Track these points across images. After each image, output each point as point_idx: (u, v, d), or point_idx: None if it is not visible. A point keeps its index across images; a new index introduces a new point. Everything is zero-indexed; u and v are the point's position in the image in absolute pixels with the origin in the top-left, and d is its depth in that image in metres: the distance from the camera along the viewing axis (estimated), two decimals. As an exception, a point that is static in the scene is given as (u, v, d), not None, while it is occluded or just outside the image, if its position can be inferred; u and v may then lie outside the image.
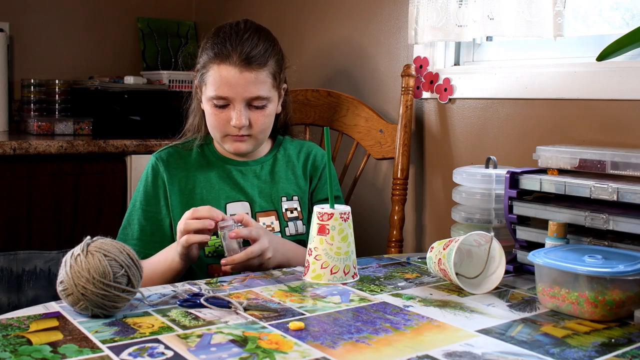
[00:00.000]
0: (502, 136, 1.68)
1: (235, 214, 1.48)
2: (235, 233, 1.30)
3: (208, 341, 0.92)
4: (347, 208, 1.26)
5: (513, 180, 1.33)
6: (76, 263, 1.00)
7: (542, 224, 1.27)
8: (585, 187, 1.22)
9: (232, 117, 1.44)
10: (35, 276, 2.09)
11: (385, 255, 1.52)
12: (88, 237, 1.04)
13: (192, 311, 1.05)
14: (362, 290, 1.19)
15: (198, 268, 1.44)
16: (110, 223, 2.16)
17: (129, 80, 2.50)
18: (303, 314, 1.05)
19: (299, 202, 1.55)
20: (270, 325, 0.99)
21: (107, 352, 0.87)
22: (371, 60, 2.05)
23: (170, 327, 0.97)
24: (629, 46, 1.15)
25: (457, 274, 1.19)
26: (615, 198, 1.18)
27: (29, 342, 0.90)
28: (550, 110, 1.58)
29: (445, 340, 0.95)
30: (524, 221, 1.34)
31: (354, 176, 1.92)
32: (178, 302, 1.08)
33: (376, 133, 1.87)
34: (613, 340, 0.97)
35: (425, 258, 1.36)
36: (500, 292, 1.20)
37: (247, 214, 1.47)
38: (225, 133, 1.47)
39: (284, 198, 1.54)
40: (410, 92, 1.82)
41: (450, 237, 1.28)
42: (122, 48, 2.87)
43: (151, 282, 1.30)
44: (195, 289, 1.17)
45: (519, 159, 1.59)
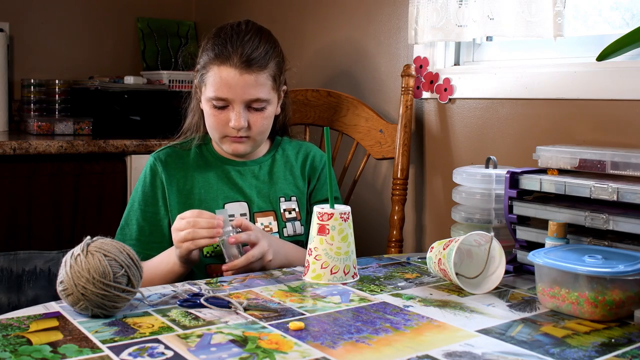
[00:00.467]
0: (502, 136, 1.68)
1: (233, 215, 1.48)
2: (234, 239, 1.30)
3: (208, 341, 0.92)
4: (347, 208, 1.26)
5: (513, 180, 1.33)
6: (76, 263, 1.00)
7: (542, 224, 1.27)
8: (585, 187, 1.22)
9: (231, 119, 1.44)
10: (35, 276, 2.09)
11: (385, 255, 1.52)
12: (88, 237, 1.04)
13: (192, 311, 1.05)
14: (362, 290, 1.19)
15: (197, 268, 1.44)
16: (110, 223, 2.16)
17: (129, 80, 2.50)
18: (303, 314, 1.05)
19: (297, 203, 1.55)
20: (270, 325, 0.99)
21: (107, 352, 0.87)
22: (371, 60, 2.05)
23: (170, 327, 0.97)
24: (629, 46, 1.15)
25: (457, 274, 1.19)
26: (615, 198, 1.18)
27: (29, 342, 0.90)
28: (550, 110, 1.58)
29: (445, 340, 0.95)
30: (524, 221, 1.34)
31: (354, 176, 1.92)
32: (178, 302, 1.08)
33: (376, 133, 1.87)
34: (613, 340, 0.97)
35: (425, 258, 1.36)
36: (500, 292, 1.20)
37: (245, 218, 1.47)
38: (223, 134, 1.47)
39: (282, 198, 1.54)
40: (410, 92, 1.82)
41: (450, 237, 1.28)
42: (122, 48, 2.87)
43: (152, 285, 1.30)
44: (195, 289, 1.17)
45: (519, 159, 1.59)
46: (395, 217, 1.81)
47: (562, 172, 1.33)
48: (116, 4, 2.84)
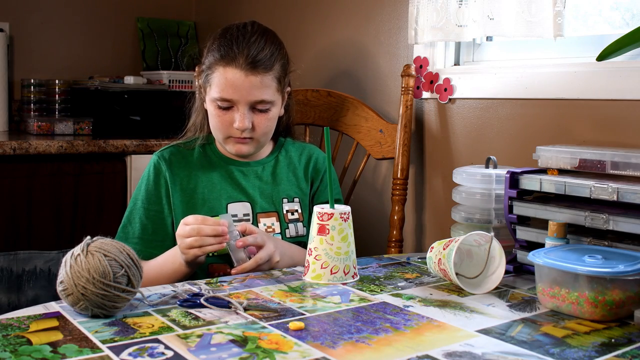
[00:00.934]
0: (502, 136, 1.68)
1: (236, 215, 1.48)
2: (242, 242, 1.31)
3: (208, 341, 0.92)
4: (347, 208, 1.26)
5: (513, 180, 1.33)
6: (76, 263, 1.00)
7: (542, 224, 1.27)
8: (585, 187, 1.22)
9: (236, 120, 1.44)
10: (35, 276, 2.09)
11: (385, 255, 1.52)
12: (88, 237, 1.04)
13: (192, 311, 1.05)
14: (362, 290, 1.19)
15: (199, 267, 1.44)
16: (110, 223, 2.16)
17: (129, 80, 2.50)
18: (303, 314, 1.05)
19: (300, 204, 1.55)
20: (270, 325, 0.99)
21: (107, 352, 0.87)
22: (371, 60, 2.05)
23: (170, 327, 0.97)
24: (629, 46, 1.15)
25: (457, 274, 1.19)
26: (615, 198, 1.18)
27: (29, 342, 0.90)
28: (550, 110, 1.58)
29: (445, 340, 0.95)
30: (524, 221, 1.33)
31: (354, 176, 1.92)
32: (178, 302, 1.08)
33: (376, 133, 1.87)
34: (613, 340, 0.97)
35: (425, 258, 1.36)
36: (500, 292, 1.20)
37: (248, 218, 1.47)
38: (227, 135, 1.47)
39: (285, 199, 1.54)
40: (410, 92, 1.82)
41: (450, 237, 1.28)
42: (122, 48, 2.87)
43: (157, 285, 1.30)
44: (195, 289, 1.17)
45: (519, 159, 1.59)
46: (395, 217, 1.81)
47: (562, 172, 1.33)
48: (116, 4, 2.84)
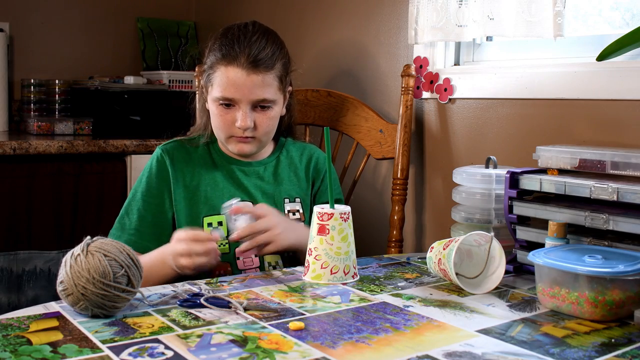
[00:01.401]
0: (502, 136, 1.68)
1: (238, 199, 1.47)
2: (235, 209, 1.31)
3: (208, 341, 0.92)
4: (347, 208, 1.26)
5: (513, 180, 1.33)
6: (76, 263, 1.00)
7: (542, 224, 1.27)
8: (585, 187, 1.22)
9: (237, 119, 1.44)
10: (35, 276, 2.09)
11: (385, 255, 1.52)
12: (88, 237, 1.04)
13: (192, 311, 1.05)
14: (362, 290, 1.19)
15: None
16: (110, 223, 2.15)
17: (129, 80, 2.50)
18: (303, 314, 1.05)
19: (301, 204, 1.55)
20: (270, 325, 0.99)
21: (107, 352, 0.87)
22: (371, 60, 2.05)
23: (170, 327, 0.97)
24: (629, 46, 1.15)
25: (457, 274, 1.19)
26: (615, 198, 1.18)
27: (29, 342, 0.90)
28: (550, 110, 1.58)
29: (445, 340, 0.95)
30: (524, 221, 1.33)
31: (354, 176, 1.92)
32: (178, 302, 1.08)
33: (376, 133, 1.87)
34: (613, 340, 0.97)
35: (425, 258, 1.36)
36: (500, 292, 1.20)
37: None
38: (229, 134, 1.47)
39: (287, 199, 1.54)
40: (410, 92, 1.82)
41: (450, 237, 1.28)
42: (122, 48, 2.87)
43: (146, 284, 1.29)
44: (195, 289, 1.17)
45: (519, 159, 1.59)
46: (395, 217, 1.81)
47: (562, 172, 1.33)
48: (116, 4, 2.84)
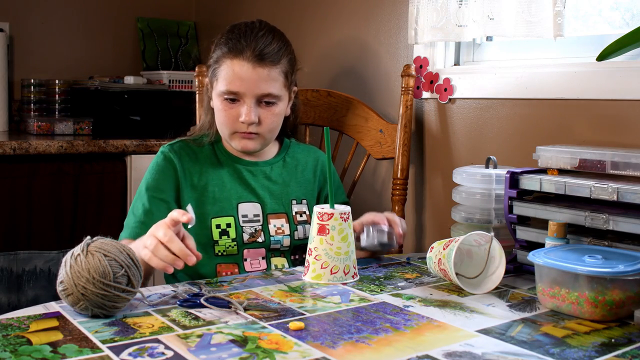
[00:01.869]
0: (502, 136, 1.68)
1: (246, 216, 1.46)
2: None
3: (208, 341, 0.92)
4: (347, 208, 1.26)
5: (513, 180, 1.33)
6: (76, 263, 1.00)
7: (542, 224, 1.27)
8: (585, 187, 1.22)
9: (242, 113, 1.43)
10: (35, 276, 2.09)
11: (385, 255, 1.52)
12: (88, 237, 1.04)
13: (192, 311, 1.05)
14: (362, 290, 1.19)
15: (206, 268, 1.42)
16: (110, 223, 2.17)
17: (129, 80, 2.50)
18: (303, 314, 1.05)
19: (308, 206, 1.54)
20: (270, 325, 0.99)
21: (107, 352, 0.87)
22: (371, 60, 2.05)
23: (170, 327, 0.97)
24: (629, 46, 1.15)
25: (457, 274, 1.19)
26: (615, 198, 1.18)
27: (29, 342, 0.90)
28: (550, 110, 1.58)
29: (445, 340, 0.95)
30: (524, 221, 1.33)
31: (354, 176, 1.92)
32: (178, 302, 1.08)
33: (376, 133, 1.87)
34: (613, 340, 0.97)
35: (425, 258, 1.36)
36: (500, 292, 1.20)
37: (259, 222, 1.47)
38: (233, 130, 1.46)
39: (294, 201, 1.53)
40: (410, 92, 1.82)
41: (450, 237, 1.28)
42: (122, 48, 2.87)
43: None
44: (195, 289, 1.17)
45: (519, 159, 1.59)
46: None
47: (562, 172, 1.33)
48: (116, 4, 2.84)
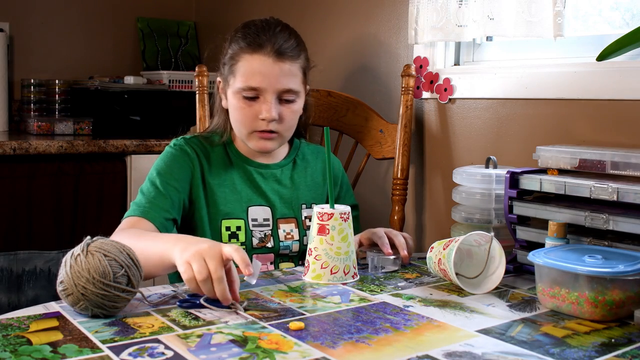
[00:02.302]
0: (502, 136, 1.68)
1: (256, 220, 1.45)
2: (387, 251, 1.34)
3: (208, 341, 0.92)
4: (347, 208, 1.26)
5: (513, 180, 1.33)
6: (76, 263, 1.00)
7: (542, 224, 1.27)
8: (585, 187, 1.22)
9: (263, 110, 1.39)
10: (35, 276, 2.09)
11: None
12: (88, 237, 1.04)
13: (192, 311, 1.05)
14: (362, 290, 1.19)
15: None
16: (110, 223, 2.15)
17: (129, 80, 2.50)
18: (303, 314, 1.05)
19: None
20: (270, 325, 0.99)
21: (107, 352, 0.87)
22: (371, 60, 2.05)
23: (170, 327, 0.97)
24: (629, 46, 1.15)
25: (457, 274, 1.19)
26: (615, 198, 1.18)
27: (29, 342, 0.90)
28: (550, 110, 1.58)
29: (445, 340, 0.95)
30: (524, 221, 1.33)
31: (354, 176, 1.92)
32: (177, 303, 1.08)
33: (376, 133, 1.87)
34: (613, 340, 0.97)
35: (425, 258, 1.36)
36: (500, 292, 1.20)
37: (268, 224, 1.46)
38: (252, 129, 1.42)
39: (304, 205, 1.51)
40: (410, 92, 1.82)
41: (450, 237, 1.28)
42: (122, 48, 2.87)
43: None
44: (195, 289, 1.16)
45: (519, 159, 1.59)
46: (395, 217, 1.81)
47: (562, 172, 1.33)
48: (116, 4, 2.84)
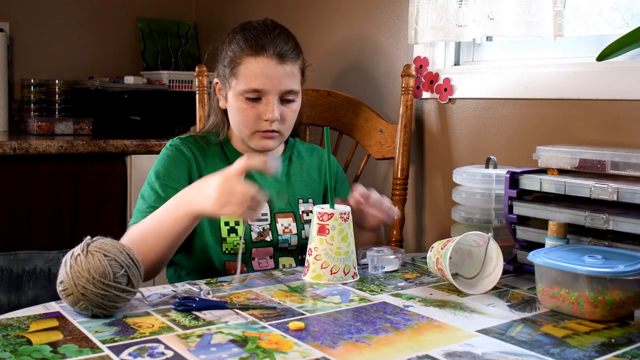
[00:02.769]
0: (502, 136, 1.68)
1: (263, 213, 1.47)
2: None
3: (208, 341, 0.92)
4: (347, 208, 1.26)
5: (513, 180, 1.33)
6: (76, 263, 1.00)
7: (542, 224, 1.27)
8: (585, 187, 1.22)
9: (266, 112, 1.41)
10: (35, 276, 2.09)
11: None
12: (88, 237, 1.04)
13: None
14: (362, 290, 1.19)
15: (214, 266, 1.42)
16: (110, 223, 2.17)
17: (129, 80, 2.50)
18: (303, 314, 1.05)
19: (314, 205, 1.53)
20: (270, 325, 0.99)
21: (107, 352, 0.87)
22: (371, 60, 2.05)
23: (170, 327, 0.97)
24: (629, 46, 1.15)
25: (457, 274, 1.19)
26: (615, 198, 1.18)
27: (29, 342, 0.90)
28: (550, 110, 1.58)
29: (445, 340, 0.95)
30: (524, 221, 1.34)
31: (354, 176, 1.92)
32: (173, 307, 1.06)
33: (376, 133, 1.87)
34: (613, 340, 0.97)
35: (425, 258, 1.36)
36: (500, 292, 1.20)
37: (266, 219, 1.46)
38: (254, 129, 1.44)
39: (301, 200, 1.53)
40: (410, 92, 1.82)
41: (450, 237, 1.28)
42: (122, 48, 2.87)
43: (152, 240, 1.27)
44: (195, 289, 1.17)
45: (519, 159, 1.59)
46: (395, 217, 1.81)
47: (562, 172, 1.33)
48: (116, 4, 2.84)
